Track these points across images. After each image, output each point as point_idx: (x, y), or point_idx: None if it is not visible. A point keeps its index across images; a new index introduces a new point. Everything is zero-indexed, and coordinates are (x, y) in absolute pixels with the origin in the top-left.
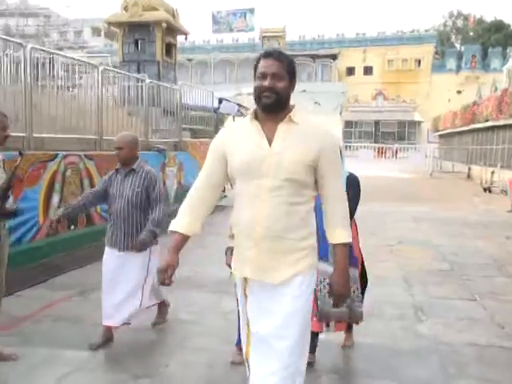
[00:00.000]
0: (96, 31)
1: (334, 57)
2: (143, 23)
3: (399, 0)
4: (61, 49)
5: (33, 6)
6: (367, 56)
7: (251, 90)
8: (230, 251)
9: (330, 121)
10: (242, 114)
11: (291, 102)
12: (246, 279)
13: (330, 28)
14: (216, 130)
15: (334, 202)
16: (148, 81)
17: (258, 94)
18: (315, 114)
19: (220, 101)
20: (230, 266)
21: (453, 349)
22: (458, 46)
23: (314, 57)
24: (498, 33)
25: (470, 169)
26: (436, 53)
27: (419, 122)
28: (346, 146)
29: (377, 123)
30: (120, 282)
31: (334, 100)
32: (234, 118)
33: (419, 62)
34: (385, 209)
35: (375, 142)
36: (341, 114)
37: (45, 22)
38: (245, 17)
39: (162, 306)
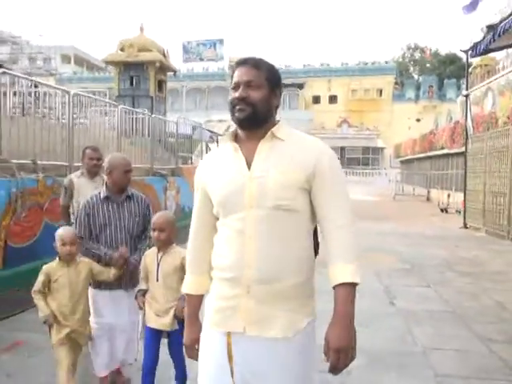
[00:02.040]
0: (66, 58)
1: (300, 86)
2: (138, 62)
3: (361, 32)
4: (30, 75)
5: (5, 33)
6: (332, 85)
7: (221, 116)
8: (141, 293)
9: None
10: (213, 140)
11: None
12: (229, 335)
13: (297, 58)
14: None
15: (338, 230)
16: (153, 115)
17: (232, 108)
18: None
19: (194, 128)
20: (141, 307)
21: (413, 313)
22: (416, 76)
23: None
24: (453, 65)
25: (429, 192)
26: (396, 83)
27: (382, 149)
28: None
29: (342, 149)
30: (116, 329)
31: (301, 127)
32: (206, 144)
33: (381, 91)
34: (357, 227)
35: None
36: None
37: (15, 49)
38: (214, 47)
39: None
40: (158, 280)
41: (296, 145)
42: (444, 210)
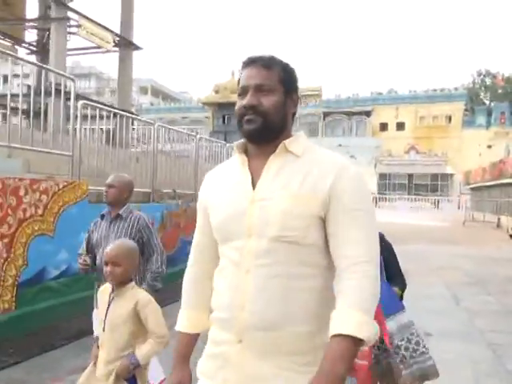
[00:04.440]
0: (143, 90)
1: (368, 113)
2: (231, 103)
3: (429, 58)
4: (112, 106)
5: (86, 68)
6: (400, 113)
7: None
8: (97, 342)
9: (365, 173)
10: None
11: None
12: None
13: (364, 86)
14: None
15: (353, 270)
16: (228, 144)
17: (239, 119)
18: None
19: None
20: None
21: (474, 311)
22: (487, 102)
23: (349, 113)
24: None
25: (499, 219)
26: (466, 109)
27: (451, 175)
28: (384, 198)
29: (410, 176)
30: None
31: (368, 154)
32: None
33: (450, 118)
34: (427, 248)
35: (409, 193)
36: (375, 167)
37: (100, 83)
38: None
39: None
40: (104, 329)
41: (313, 162)
42: None
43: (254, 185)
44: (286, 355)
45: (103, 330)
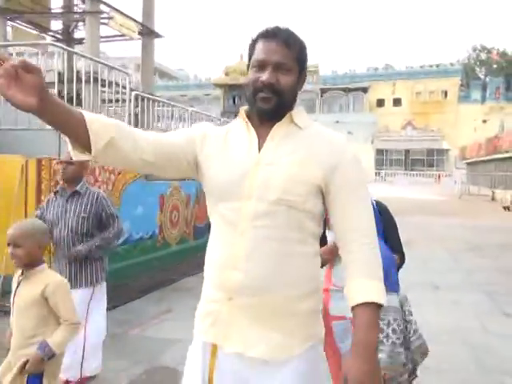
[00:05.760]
0: (139, 67)
1: (364, 90)
2: (239, 84)
3: (425, 34)
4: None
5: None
6: (396, 88)
7: None
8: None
9: (362, 149)
10: None
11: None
12: (214, 348)
13: (361, 62)
14: None
15: (361, 243)
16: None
17: (253, 93)
18: (348, 142)
19: None
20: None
21: (469, 268)
22: (482, 77)
23: (346, 90)
24: None
25: (493, 192)
26: (461, 85)
27: (447, 150)
28: (381, 173)
29: (407, 151)
30: None
31: (365, 130)
32: None
33: (446, 93)
34: (426, 220)
35: (405, 169)
36: (372, 142)
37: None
38: None
39: None
40: (12, 314)
41: (316, 136)
42: (507, 208)
43: (259, 149)
44: (276, 318)
45: (12, 315)
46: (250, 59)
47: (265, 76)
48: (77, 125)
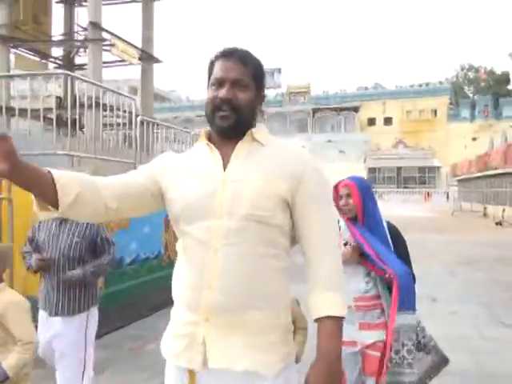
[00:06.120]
0: (132, 90)
1: (356, 109)
2: None
3: (413, 54)
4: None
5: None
6: (386, 107)
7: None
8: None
9: (354, 168)
10: None
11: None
12: (192, 373)
13: (351, 81)
14: None
15: (324, 254)
16: None
17: (212, 111)
18: (340, 161)
19: None
20: None
21: (467, 280)
22: (470, 95)
23: (337, 109)
24: (509, 83)
25: (485, 208)
26: (450, 103)
27: (438, 167)
28: (374, 191)
29: (399, 169)
30: (56, 363)
31: (357, 149)
32: None
33: (435, 112)
34: (420, 236)
35: (398, 186)
36: (364, 161)
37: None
38: (272, 76)
39: None
40: None
41: (278, 151)
42: (499, 224)
43: (224, 168)
44: (252, 334)
45: None
46: (209, 79)
47: (222, 93)
48: (46, 184)
